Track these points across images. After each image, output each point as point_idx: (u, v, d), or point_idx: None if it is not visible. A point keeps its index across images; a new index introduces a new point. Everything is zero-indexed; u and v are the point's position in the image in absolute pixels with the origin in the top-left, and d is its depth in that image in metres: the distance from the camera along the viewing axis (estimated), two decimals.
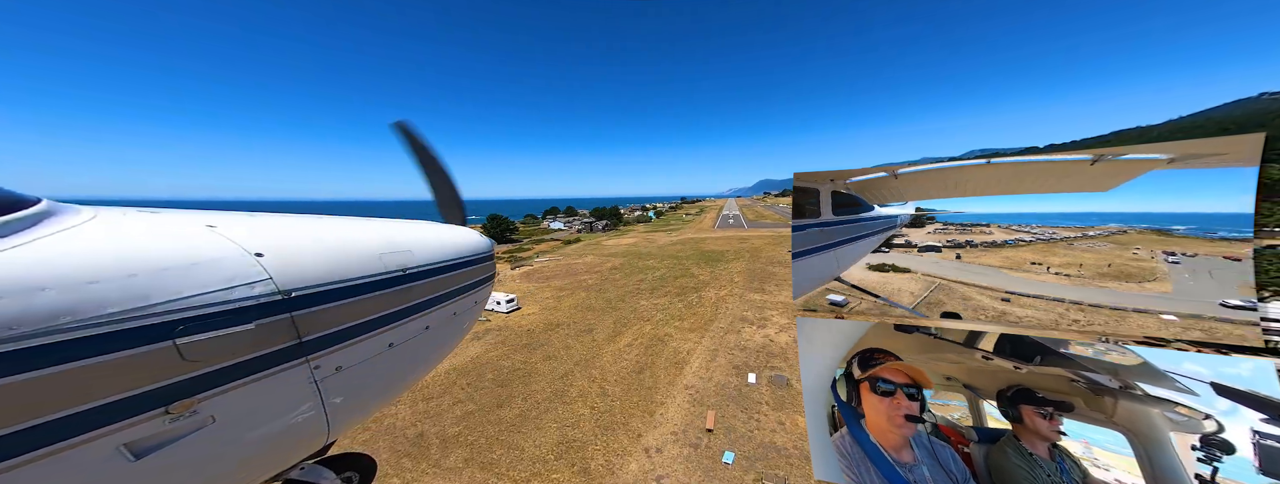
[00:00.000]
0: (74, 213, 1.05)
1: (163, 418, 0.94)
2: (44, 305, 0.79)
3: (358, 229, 1.72)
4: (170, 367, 0.94)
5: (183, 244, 1.10)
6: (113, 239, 1.01)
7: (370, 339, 1.48)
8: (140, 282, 0.94)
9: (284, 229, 1.45)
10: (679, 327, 21.52)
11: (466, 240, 2.29)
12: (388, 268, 1.58)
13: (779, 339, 19.37)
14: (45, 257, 0.87)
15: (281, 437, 1.26)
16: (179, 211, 1.33)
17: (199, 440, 1.02)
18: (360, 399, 1.52)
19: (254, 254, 1.19)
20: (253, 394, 1.11)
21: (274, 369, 1.15)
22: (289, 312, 1.19)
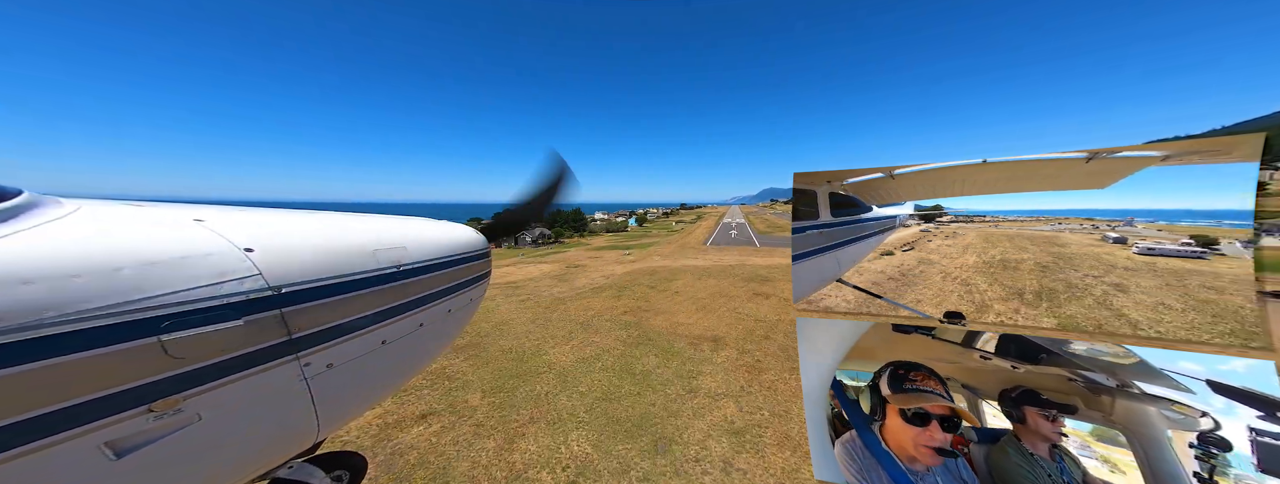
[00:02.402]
0: (57, 205, 1.03)
1: (146, 416, 0.91)
2: (26, 299, 0.77)
3: (350, 224, 1.69)
4: (155, 363, 0.92)
5: (170, 238, 1.07)
6: (97, 232, 0.98)
7: (362, 336, 1.45)
8: (125, 276, 0.91)
9: (274, 224, 1.42)
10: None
11: (462, 237, 2.27)
12: (381, 264, 1.56)
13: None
14: (27, 249, 0.84)
15: (270, 435, 1.23)
16: (166, 205, 1.30)
17: (184, 439, 0.99)
18: (351, 397, 1.49)
19: (243, 249, 1.16)
20: (241, 391, 1.08)
21: (263, 366, 1.12)
22: (279, 308, 1.16)
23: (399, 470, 3.90)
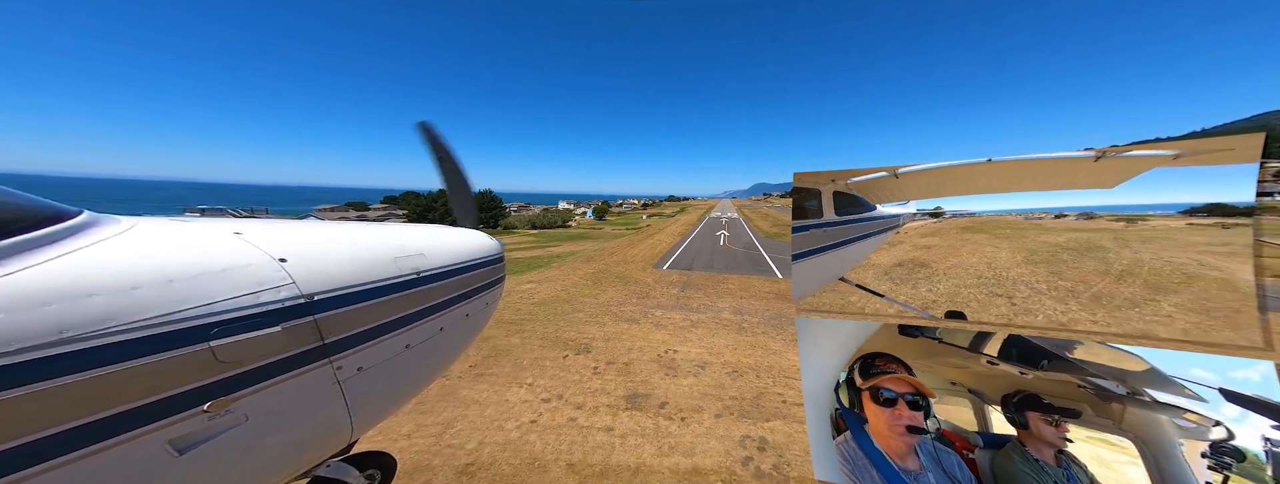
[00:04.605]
0: (114, 223, 1.13)
1: (202, 416, 1.00)
2: (93, 310, 0.85)
3: (371, 233, 1.79)
4: (207, 367, 1.00)
5: (213, 251, 1.17)
6: (151, 247, 1.08)
7: (388, 340, 1.53)
8: (177, 287, 1.00)
9: (303, 235, 1.53)
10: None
11: (478, 243, 2.37)
12: (402, 271, 1.64)
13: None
14: (92, 264, 0.93)
15: (309, 434, 1.31)
16: (207, 220, 1.43)
17: (235, 437, 1.07)
18: (381, 399, 1.57)
19: (278, 259, 1.26)
20: (281, 393, 1.16)
21: (300, 370, 1.20)
22: (312, 315, 1.24)
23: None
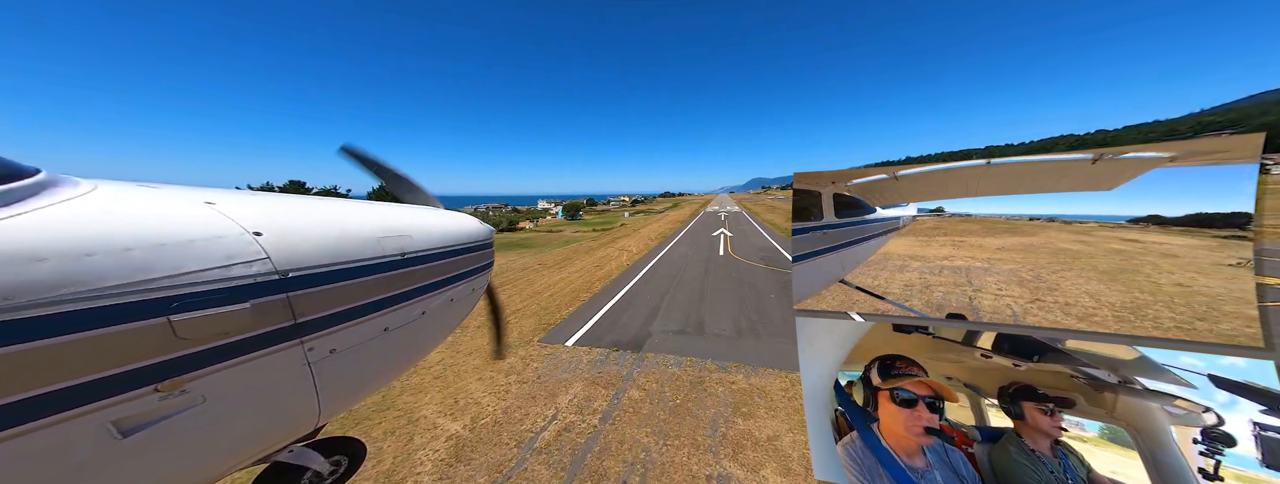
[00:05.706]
0: (73, 185, 1.03)
1: (152, 396, 0.92)
2: (41, 276, 0.78)
3: (356, 211, 1.70)
4: (163, 343, 0.92)
5: (181, 220, 1.08)
6: (111, 212, 0.99)
7: (366, 323, 1.46)
8: (137, 256, 0.91)
9: (282, 208, 1.43)
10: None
11: (466, 226, 2.28)
12: (386, 251, 1.56)
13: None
14: (44, 227, 0.85)
15: (272, 418, 1.24)
16: (178, 187, 1.31)
17: (189, 419, 0.99)
18: (353, 383, 1.49)
19: (252, 232, 1.16)
20: (245, 374, 1.08)
21: (267, 350, 1.13)
22: (285, 292, 1.16)
23: None
